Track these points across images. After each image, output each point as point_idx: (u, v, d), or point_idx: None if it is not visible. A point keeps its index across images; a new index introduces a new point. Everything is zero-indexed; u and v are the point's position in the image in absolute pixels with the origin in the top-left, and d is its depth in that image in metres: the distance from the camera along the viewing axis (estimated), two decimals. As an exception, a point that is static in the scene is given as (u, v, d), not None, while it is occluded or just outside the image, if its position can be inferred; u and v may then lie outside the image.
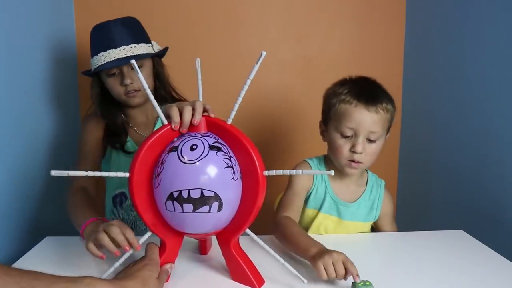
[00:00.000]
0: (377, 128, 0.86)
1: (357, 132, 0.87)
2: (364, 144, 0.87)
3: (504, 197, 1.01)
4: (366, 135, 0.87)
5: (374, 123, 0.86)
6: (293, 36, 1.50)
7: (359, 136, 0.86)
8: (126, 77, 0.99)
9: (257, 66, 0.64)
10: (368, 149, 0.87)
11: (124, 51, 0.98)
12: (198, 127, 0.68)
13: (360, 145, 0.86)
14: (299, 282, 0.67)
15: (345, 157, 0.89)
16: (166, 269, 0.68)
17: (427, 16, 1.39)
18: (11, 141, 0.99)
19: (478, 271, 0.75)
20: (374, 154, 0.89)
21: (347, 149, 0.88)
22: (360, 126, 0.86)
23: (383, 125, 0.88)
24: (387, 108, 0.88)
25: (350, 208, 0.96)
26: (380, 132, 0.87)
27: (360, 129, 0.86)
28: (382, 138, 0.90)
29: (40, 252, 0.82)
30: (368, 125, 0.86)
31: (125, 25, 1.02)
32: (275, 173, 0.65)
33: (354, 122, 0.86)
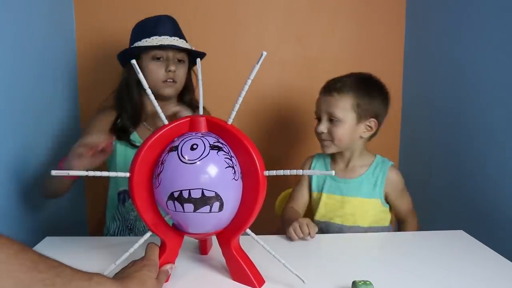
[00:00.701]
0: (332, 109, 0.97)
1: (319, 115, 1.01)
2: (325, 125, 0.99)
3: (504, 197, 1.01)
4: (327, 117, 0.99)
5: (329, 105, 0.98)
6: (293, 36, 1.50)
7: (321, 118, 1.00)
8: (171, 63, 1.05)
9: (258, 66, 0.64)
10: (331, 129, 0.98)
11: (178, 41, 1.06)
12: (198, 127, 0.68)
13: (321, 125, 0.99)
14: (299, 282, 0.67)
15: (318, 138, 1.03)
16: (165, 270, 0.68)
17: (427, 16, 1.39)
18: (11, 141, 0.99)
19: (478, 271, 0.75)
20: (339, 134, 0.97)
21: (315, 131, 1.02)
22: (320, 109, 1.00)
23: (341, 107, 0.96)
24: (344, 93, 0.96)
25: (351, 184, 1.01)
26: (338, 113, 0.96)
27: (320, 112, 1.00)
28: (348, 122, 0.97)
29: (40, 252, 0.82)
30: (325, 107, 0.99)
31: (175, 22, 1.11)
32: (276, 173, 0.65)
33: (317, 107, 1.02)
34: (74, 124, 1.41)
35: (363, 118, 0.98)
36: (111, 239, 1.04)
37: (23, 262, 0.46)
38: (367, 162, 1.03)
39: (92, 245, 0.87)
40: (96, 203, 1.51)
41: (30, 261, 0.47)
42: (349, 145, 1.00)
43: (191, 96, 1.16)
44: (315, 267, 0.77)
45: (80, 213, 1.48)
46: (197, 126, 0.68)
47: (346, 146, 1.01)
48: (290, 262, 0.68)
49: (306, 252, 0.84)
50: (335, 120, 0.97)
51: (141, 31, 1.08)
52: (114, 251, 0.82)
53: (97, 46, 1.44)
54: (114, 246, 0.85)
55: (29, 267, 0.46)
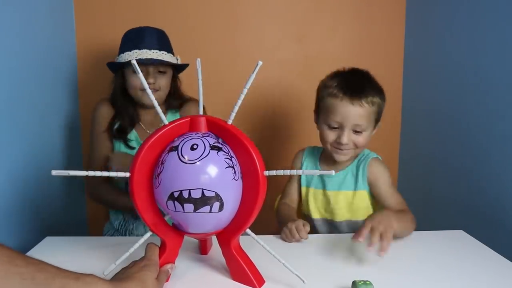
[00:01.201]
0: (362, 121, 0.91)
1: (342, 125, 0.92)
2: (350, 136, 0.92)
3: (504, 197, 1.01)
4: (351, 128, 0.92)
5: (359, 116, 0.91)
6: (293, 36, 1.50)
7: (345, 128, 0.92)
8: (151, 76, 1.10)
9: (254, 75, 0.64)
10: (354, 140, 0.93)
11: (156, 54, 1.09)
12: (198, 127, 0.68)
13: (345, 137, 0.92)
14: (299, 282, 0.67)
15: (333, 145, 0.96)
16: (165, 270, 0.68)
17: (427, 16, 1.39)
18: (12, 142, 0.99)
19: (478, 271, 0.75)
20: (362, 143, 0.94)
21: (333, 140, 0.94)
22: (345, 120, 0.91)
23: (368, 118, 0.92)
24: (372, 101, 0.92)
25: (335, 178, 1.00)
26: (365, 124, 0.92)
27: (345, 122, 0.91)
28: (369, 129, 0.94)
29: (40, 252, 0.82)
30: (353, 118, 0.91)
31: (158, 34, 1.14)
32: (276, 173, 0.65)
33: (340, 115, 0.92)
34: (74, 125, 1.41)
35: (377, 123, 0.97)
36: (111, 239, 1.05)
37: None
38: (354, 156, 1.01)
39: (92, 245, 0.87)
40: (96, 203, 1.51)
41: (5, 256, 0.47)
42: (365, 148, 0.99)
43: (178, 100, 1.21)
44: (315, 267, 0.77)
45: (80, 213, 1.48)
46: (197, 126, 0.68)
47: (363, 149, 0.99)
48: (290, 262, 0.68)
49: (306, 252, 0.84)
50: (359, 131, 0.92)
51: (125, 42, 1.13)
52: (114, 251, 0.82)
53: (97, 47, 1.44)
54: (114, 246, 0.85)
55: (3, 261, 0.46)
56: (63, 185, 1.31)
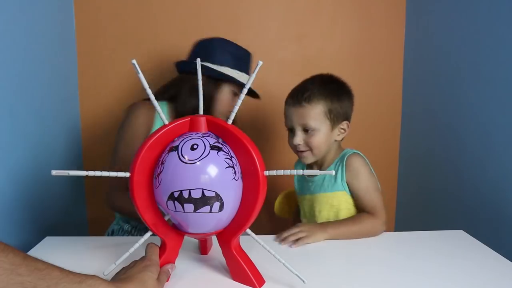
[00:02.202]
0: (305, 120, 0.94)
1: (292, 126, 0.98)
2: (301, 137, 0.96)
3: (504, 197, 1.01)
4: (301, 128, 0.96)
5: (301, 116, 0.95)
6: (293, 36, 1.50)
7: (295, 130, 0.97)
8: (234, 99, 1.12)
9: (254, 75, 0.64)
10: (307, 140, 0.96)
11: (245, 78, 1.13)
12: (198, 127, 0.68)
13: (297, 137, 0.96)
14: (300, 282, 0.67)
15: (292, 148, 1.00)
16: (166, 270, 0.68)
17: (427, 16, 1.39)
18: (11, 142, 0.99)
19: (478, 271, 0.75)
20: (317, 143, 0.96)
21: (291, 143, 0.99)
22: (292, 121, 0.97)
23: (313, 118, 0.94)
24: (314, 102, 0.94)
25: (316, 181, 1.01)
26: (312, 123, 0.94)
27: (293, 124, 0.97)
28: (323, 129, 0.95)
29: (40, 252, 0.82)
30: (296, 118, 0.96)
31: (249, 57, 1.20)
32: (276, 173, 0.65)
33: (288, 119, 0.99)
34: (75, 125, 1.41)
35: (336, 123, 0.97)
36: (111, 239, 1.04)
37: (1, 265, 0.45)
38: (335, 157, 1.01)
39: (92, 245, 0.87)
40: (96, 203, 1.51)
41: (9, 264, 0.46)
42: (326, 151, 1.00)
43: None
44: (315, 267, 0.77)
45: (80, 213, 1.48)
46: (197, 126, 0.68)
47: (324, 153, 1.00)
48: (290, 262, 0.68)
49: (306, 252, 0.84)
50: (310, 131, 0.95)
51: (232, 59, 1.14)
52: (114, 251, 0.82)
53: (98, 47, 1.44)
54: (114, 246, 0.85)
55: (6, 270, 0.45)
56: (63, 185, 1.31)
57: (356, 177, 0.95)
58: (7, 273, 0.45)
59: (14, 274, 0.46)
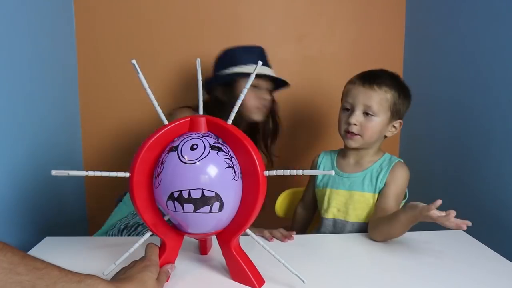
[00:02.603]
0: (371, 102, 0.93)
1: (353, 105, 0.95)
2: (360, 117, 0.94)
3: (504, 197, 1.01)
4: (362, 109, 0.94)
5: (368, 97, 0.94)
6: (293, 36, 1.50)
7: (355, 109, 0.95)
8: (265, 93, 1.15)
9: (254, 75, 0.63)
10: (364, 123, 0.94)
11: (269, 71, 1.15)
12: (198, 127, 0.68)
13: (355, 117, 0.94)
14: (299, 282, 0.67)
15: (343, 128, 0.98)
16: (166, 270, 0.68)
17: (427, 16, 1.39)
18: (11, 142, 0.99)
19: (478, 271, 0.75)
20: (372, 129, 0.95)
21: (344, 121, 0.97)
22: (355, 100, 0.95)
23: (379, 103, 0.94)
24: (385, 89, 0.94)
25: (355, 178, 1.00)
26: (375, 107, 0.93)
27: (355, 103, 0.95)
28: (381, 117, 0.95)
29: (40, 252, 0.82)
30: (362, 99, 0.94)
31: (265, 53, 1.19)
32: (276, 173, 0.65)
33: (351, 96, 0.96)
34: (75, 126, 1.41)
35: (393, 118, 0.97)
36: (111, 239, 1.04)
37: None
38: (376, 158, 1.01)
39: (92, 245, 0.87)
40: (96, 203, 1.51)
41: (7, 263, 0.46)
42: (374, 142, 0.99)
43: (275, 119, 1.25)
44: (315, 267, 0.77)
45: (80, 213, 1.48)
46: (197, 126, 0.68)
47: (371, 143, 0.98)
48: (290, 262, 0.68)
49: (306, 252, 0.84)
50: (370, 114, 0.94)
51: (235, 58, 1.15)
52: (114, 251, 0.82)
53: (98, 47, 1.44)
54: (114, 246, 0.85)
55: (4, 269, 0.45)
56: (63, 185, 1.31)
57: (395, 182, 0.97)
58: (6, 272, 0.45)
59: (13, 273, 0.46)
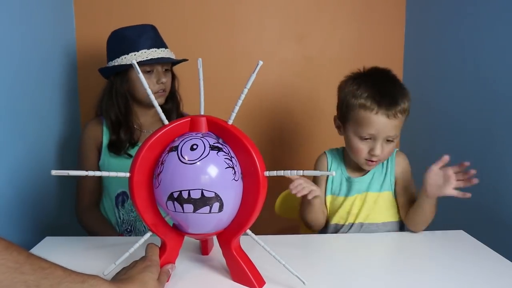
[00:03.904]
0: (396, 131, 0.90)
1: (376, 136, 0.89)
2: (383, 147, 0.90)
3: (504, 197, 1.01)
4: (385, 138, 0.90)
5: (393, 127, 0.89)
6: (293, 36, 1.50)
7: (378, 140, 0.89)
8: (163, 76, 1.08)
9: (254, 75, 0.63)
10: (386, 149, 0.91)
11: (164, 52, 1.07)
12: (198, 127, 0.68)
13: (379, 149, 0.90)
14: (300, 283, 0.67)
15: (363, 157, 0.92)
16: (166, 270, 0.68)
17: (427, 16, 1.39)
18: (11, 142, 0.99)
19: (478, 271, 0.75)
20: (391, 151, 0.94)
21: (365, 151, 0.91)
22: (380, 132, 0.89)
23: (401, 126, 0.92)
24: (405, 109, 0.90)
25: (363, 181, 0.98)
26: (397, 133, 0.91)
27: (379, 135, 0.89)
28: (398, 136, 0.93)
29: (40, 252, 0.81)
30: (388, 130, 0.89)
31: (157, 31, 1.11)
32: (276, 173, 0.65)
33: (374, 128, 0.89)
34: (75, 126, 1.41)
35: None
36: (111, 239, 1.04)
37: (4, 263, 0.45)
38: None
39: (92, 245, 0.87)
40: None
41: (13, 262, 0.46)
42: None
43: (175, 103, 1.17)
44: (316, 268, 0.77)
45: (80, 213, 1.48)
46: (197, 126, 0.68)
47: None
48: (291, 263, 0.68)
49: (307, 253, 0.84)
50: (391, 140, 0.91)
51: (125, 43, 1.07)
52: (114, 251, 0.82)
53: (97, 47, 1.44)
54: (114, 246, 0.85)
55: (10, 268, 0.46)
56: (63, 185, 1.31)
57: (405, 173, 0.98)
58: (11, 271, 0.46)
59: (18, 273, 0.46)
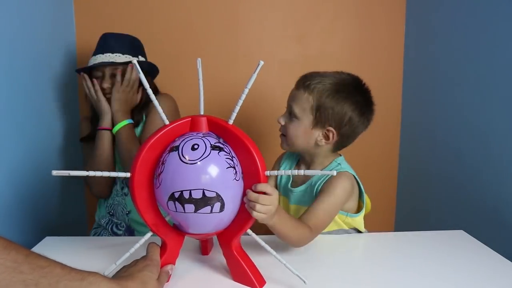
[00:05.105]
0: (294, 103, 0.90)
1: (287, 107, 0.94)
2: (285, 118, 0.92)
3: (504, 197, 1.01)
4: (288, 110, 0.92)
5: (292, 97, 0.92)
6: (293, 36, 1.50)
7: (286, 110, 0.94)
8: (105, 81, 1.12)
9: (255, 75, 0.63)
10: (287, 125, 0.92)
11: (108, 57, 1.11)
12: (199, 127, 0.68)
13: (282, 117, 0.93)
14: (301, 282, 0.67)
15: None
16: (166, 270, 0.68)
17: (427, 16, 1.39)
18: (12, 142, 0.99)
19: (478, 271, 0.75)
20: (293, 133, 0.91)
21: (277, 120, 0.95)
22: (288, 102, 0.93)
23: (301, 106, 0.89)
24: (310, 89, 0.88)
25: (294, 193, 0.96)
26: (296, 110, 0.89)
27: (287, 105, 0.93)
28: (304, 120, 0.88)
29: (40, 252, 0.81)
30: (289, 99, 0.93)
31: (121, 38, 1.15)
32: (277, 173, 0.65)
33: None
34: (74, 125, 1.41)
35: (320, 125, 0.88)
36: (111, 239, 1.05)
37: (2, 263, 0.46)
38: (325, 163, 0.94)
39: (92, 245, 0.87)
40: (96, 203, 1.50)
41: (11, 261, 0.46)
42: (303, 148, 0.92)
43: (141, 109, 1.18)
44: (316, 268, 0.77)
45: (80, 213, 1.48)
46: (198, 126, 0.68)
47: (299, 149, 0.93)
48: (291, 263, 0.68)
49: (307, 252, 0.84)
50: (292, 117, 0.90)
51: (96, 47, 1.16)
52: (114, 251, 0.82)
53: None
54: (114, 246, 0.85)
55: (8, 267, 0.46)
56: (63, 185, 1.30)
57: (326, 193, 0.85)
58: (9, 271, 0.46)
59: (17, 272, 0.46)
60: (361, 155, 1.34)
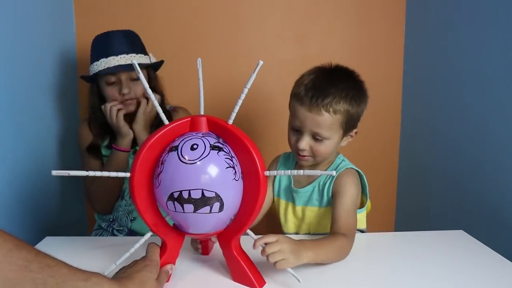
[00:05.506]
0: (320, 129, 0.84)
1: (301, 129, 0.86)
2: (308, 142, 0.86)
3: (504, 197, 1.01)
4: (310, 134, 0.85)
5: (317, 124, 0.83)
6: (293, 36, 1.50)
7: (303, 133, 0.86)
8: (125, 86, 1.05)
9: (254, 75, 0.63)
10: (314, 147, 0.86)
11: (124, 59, 1.04)
12: (199, 127, 0.68)
13: (303, 142, 0.85)
14: (300, 283, 0.67)
15: (293, 148, 0.90)
16: (166, 270, 0.68)
17: (427, 16, 1.39)
18: (12, 142, 0.99)
19: (478, 271, 0.75)
20: (323, 152, 0.87)
21: (294, 142, 0.88)
22: (303, 125, 0.85)
23: (329, 127, 0.84)
24: (334, 110, 0.83)
25: (300, 193, 0.94)
26: (325, 134, 0.84)
27: (303, 128, 0.85)
28: (334, 138, 0.86)
29: (40, 252, 0.82)
30: (310, 125, 0.84)
31: (125, 36, 1.08)
32: (276, 173, 0.65)
33: (298, 120, 0.86)
34: (74, 125, 1.41)
35: (348, 131, 0.89)
36: (111, 239, 1.05)
37: (14, 261, 0.47)
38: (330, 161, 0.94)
39: (92, 245, 0.87)
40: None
41: (22, 260, 0.47)
42: (329, 156, 0.91)
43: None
44: (316, 267, 0.77)
45: (80, 213, 1.48)
46: (197, 126, 0.68)
47: (326, 159, 0.92)
48: (291, 262, 0.68)
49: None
50: (318, 138, 0.85)
51: (93, 51, 1.09)
52: (114, 251, 0.82)
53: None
54: (114, 246, 0.85)
55: (20, 266, 0.47)
56: (63, 185, 1.31)
57: (343, 194, 0.86)
58: (21, 269, 0.47)
59: (27, 271, 0.47)
60: (361, 154, 1.34)
